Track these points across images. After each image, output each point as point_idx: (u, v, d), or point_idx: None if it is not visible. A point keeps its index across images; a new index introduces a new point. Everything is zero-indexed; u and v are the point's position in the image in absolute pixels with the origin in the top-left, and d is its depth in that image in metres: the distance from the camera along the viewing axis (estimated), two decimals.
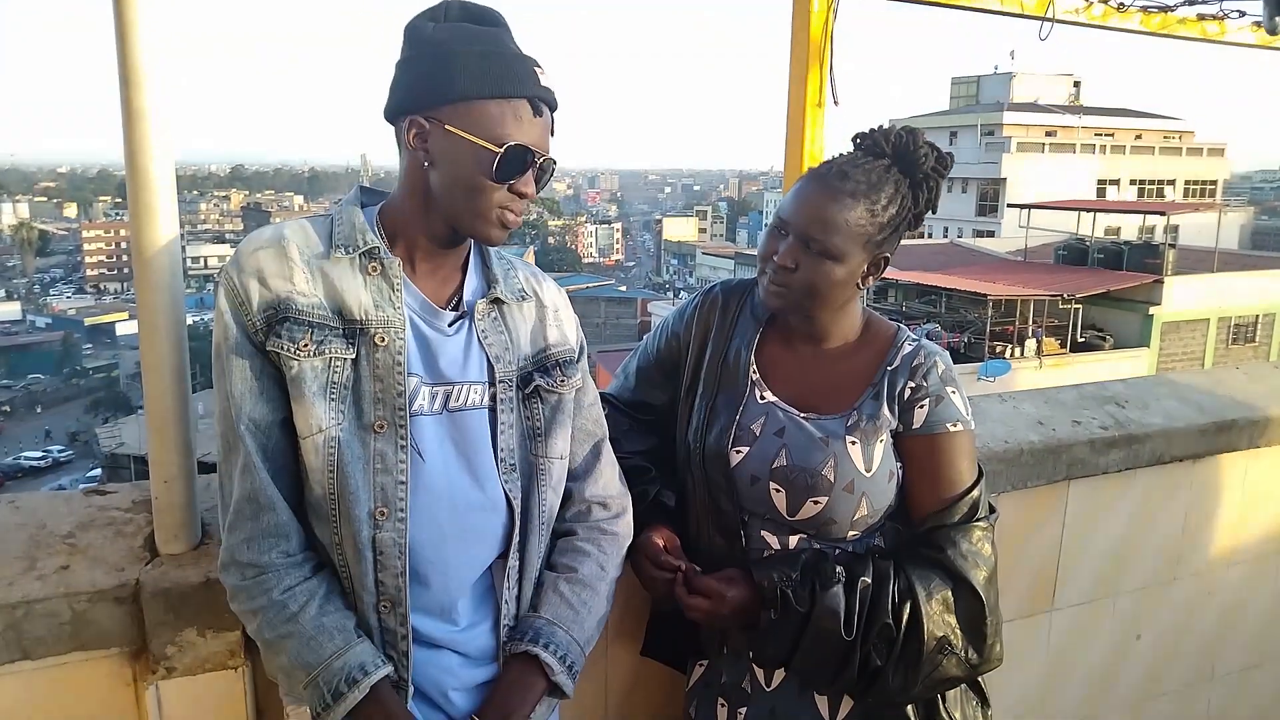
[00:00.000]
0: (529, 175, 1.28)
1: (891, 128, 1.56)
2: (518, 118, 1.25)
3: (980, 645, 1.51)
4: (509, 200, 1.28)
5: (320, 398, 1.25)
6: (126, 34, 1.37)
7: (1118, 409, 2.53)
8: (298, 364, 1.24)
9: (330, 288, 1.28)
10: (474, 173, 1.25)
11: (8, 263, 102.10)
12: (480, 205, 1.27)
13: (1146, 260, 24.25)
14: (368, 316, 1.28)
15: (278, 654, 1.26)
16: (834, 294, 1.53)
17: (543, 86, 1.28)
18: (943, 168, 1.55)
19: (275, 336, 1.24)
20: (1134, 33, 2.80)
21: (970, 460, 1.55)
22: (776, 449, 1.54)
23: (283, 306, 1.25)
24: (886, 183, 1.51)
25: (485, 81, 1.24)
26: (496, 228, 1.30)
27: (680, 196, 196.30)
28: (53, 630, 1.44)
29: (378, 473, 1.27)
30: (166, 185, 1.45)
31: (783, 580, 1.48)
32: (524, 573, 1.42)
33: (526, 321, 1.44)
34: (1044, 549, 2.41)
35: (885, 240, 1.53)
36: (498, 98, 1.24)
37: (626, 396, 1.78)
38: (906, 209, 1.54)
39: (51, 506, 1.66)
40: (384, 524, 1.27)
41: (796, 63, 2.38)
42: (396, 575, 1.28)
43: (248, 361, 1.26)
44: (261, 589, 1.25)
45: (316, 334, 1.25)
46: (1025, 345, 21.93)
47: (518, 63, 1.26)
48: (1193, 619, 2.73)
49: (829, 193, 1.49)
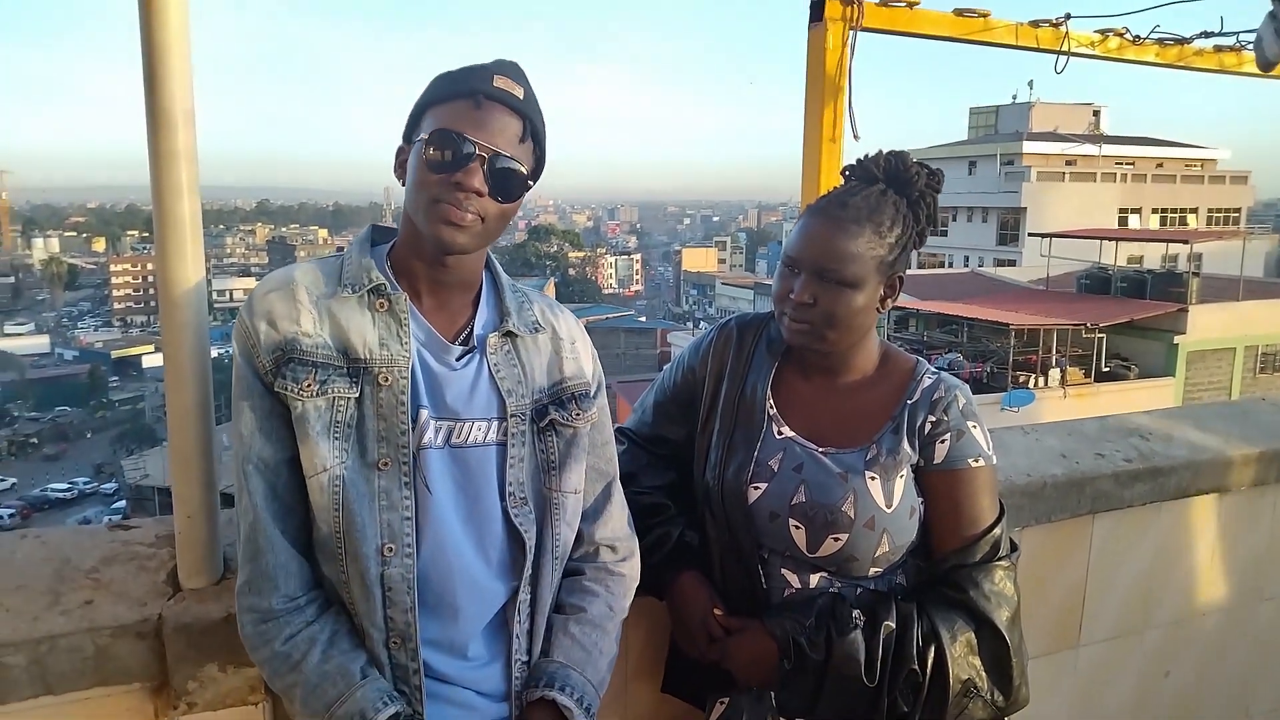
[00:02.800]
0: (471, 168, 1.26)
1: (879, 153, 1.58)
2: (457, 113, 1.28)
3: (1006, 687, 1.49)
4: (447, 191, 1.26)
5: (324, 437, 1.26)
6: (157, 79, 1.40)
7: (1142, 441, 2.50)
8: (302, 404, 1.26)
9: (337, 327, 1.30)
10: (417, 169, 1.29)
11: (38, 296, 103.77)
12: (422, 200, 1.28)
13: (1170, 289, 24.03)
14: (372, 355, 1.29)
15: (290, 703, 1.27)
16: (856, 322, 1.54)
17: (493, 86, 1.28)
18: (935, 184, 1.57)
19: (281, 377, 1.27)
20: (1150, 65, 2.81)
21: (992, 497, 1.54)
22: (795, 485, 1.54)
23: (289, 347, 1.27)
24: (885, 205, 1.53)
25: (433, 92, 1.31)
26: (441, 223, 1.27)
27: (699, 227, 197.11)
28: (76, 665, 1.45)
29: (383, 509, 1.28)
30: (193, 225, 1.47)
31: (795, 629, 1.48)
32: (536, 606, 1.41)
33: (542, 354, 1.44)
34: (1069, 584, 2.38)
35: (896, 260, 1.54)
36: (440, 103, 1.29)
37: (645, 431, 1.79)
38: (909, 227, 1.55)
39: (76, 541, 1.68)
40: (391, 560, 1.27)
41: (812, 98, 2.40)
42: (406, 610, 1.28)
43: (256, 402, 1.28)
44: (264, 639, 1.26)
45: (320, 373, 1.27)
46: (1049, 375, 21.73)
47: (468, 72, 1.30)
48: (1224, 656, 2.68)
49: (833, 224, 1.50)
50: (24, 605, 1.48)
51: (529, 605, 1.40)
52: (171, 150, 1.43)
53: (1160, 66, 2.85)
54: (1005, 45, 2.62)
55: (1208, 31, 2.90)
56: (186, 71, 1.43)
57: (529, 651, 1.41)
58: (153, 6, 1.38)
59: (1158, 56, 2.83)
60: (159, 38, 1.39)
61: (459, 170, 1.26)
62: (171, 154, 1.43)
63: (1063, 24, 2.66)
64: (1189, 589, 2.57)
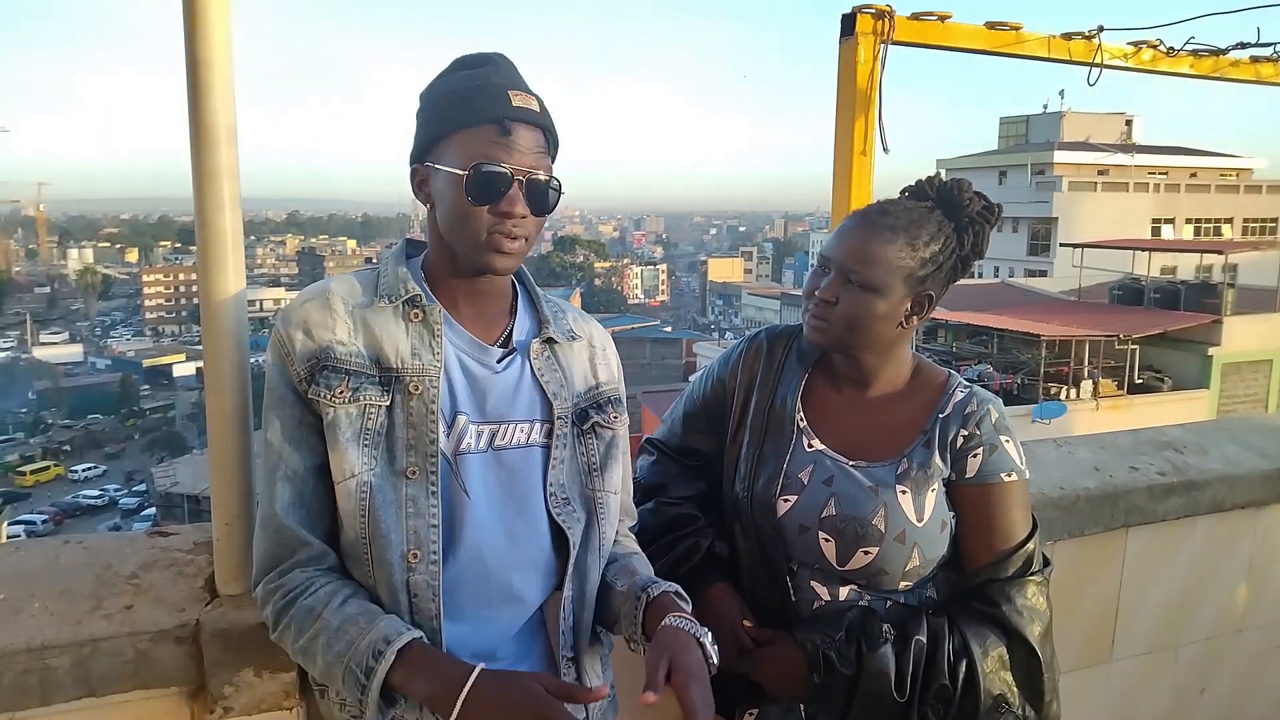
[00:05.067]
0: (512, 194, 1.29)
1: (939, 175, 1.58)
2: (486, 140, 1.28)
3: (1037, 703, 1.48)
4: (495, 223, 1.29)
5: (354, 443, 1.28)
6: (200, 96, 1.44)
7: (1176, 455, 2.48)
8: (333, 410, 1.28)
9: (370, 336, 1.32)
10: (456, 201, 1.29)
11: (72, 306, 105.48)
12: (469, 233, 1.30)
13: (1205, 300, 23.68)
14: (404, 364, 1.31)
15: (316, 659, 1.26)
16: (875, 329, 1.53)
17: (515, 107, 1.30)
18: (989, 214, 1.55)
19: (315, 384, 1.29)
20: (1185, 76, 2.79)
21: (1025, 511, 1.54)
22: (825, 498, 1.54)
23: (323, 355, 1.29)
24: (928, 221, 1.52)
25: (454, 114, 1.30)
26: (492, 252, 1.31)
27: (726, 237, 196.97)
28: (116, 668, 1.48)
29: (409, 516, 1.29)
30: (234, 239, 1.51)
31: (825, 643, 1.48)
32: (580, 602, 1.42)
33: (579, 360, 1.47)
34: (1102, 598, 2.36)
35: (928, 278, 1.53)
36: (466, 127, 1.29)
37: (674, 442, 1.79)
38: (951, 249, 1.54)
39: (117, 547, 1.72)
40: (416, 567, 1.29)
41: (843, 111, 2.40)
42: (431, 618, 1.29)
43: (288, 411, 1.31)
44: (289, 602, 1.28)
45: (353, 381, 1.29)
46: (1081, 387, 21.47)
47: (488, 90, 1.30)
48: (1261, 673, 2.64)
49: (870, 228, 1.51)
50: (67, 609, 1.52)
51: (573, 602, 1.41)
52: (214, 166, 1.47)
53: (1194, 78, 2.83)
54: (1038, 58, 2.62)
55: (1244, 43, 2.87)
56: (229, 90, 1.46)
57: (575, 648, 1.43)
58: (197, 24, 1.42)
59: (1192, 68, 2.80)
60: (203, 56, 1.43)
61: (501, 200, 1.29)
62: (214, 170, 1.47)
63: (1095, 36, 2.65)
64: (1225, 605, 2.53)
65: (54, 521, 42.24)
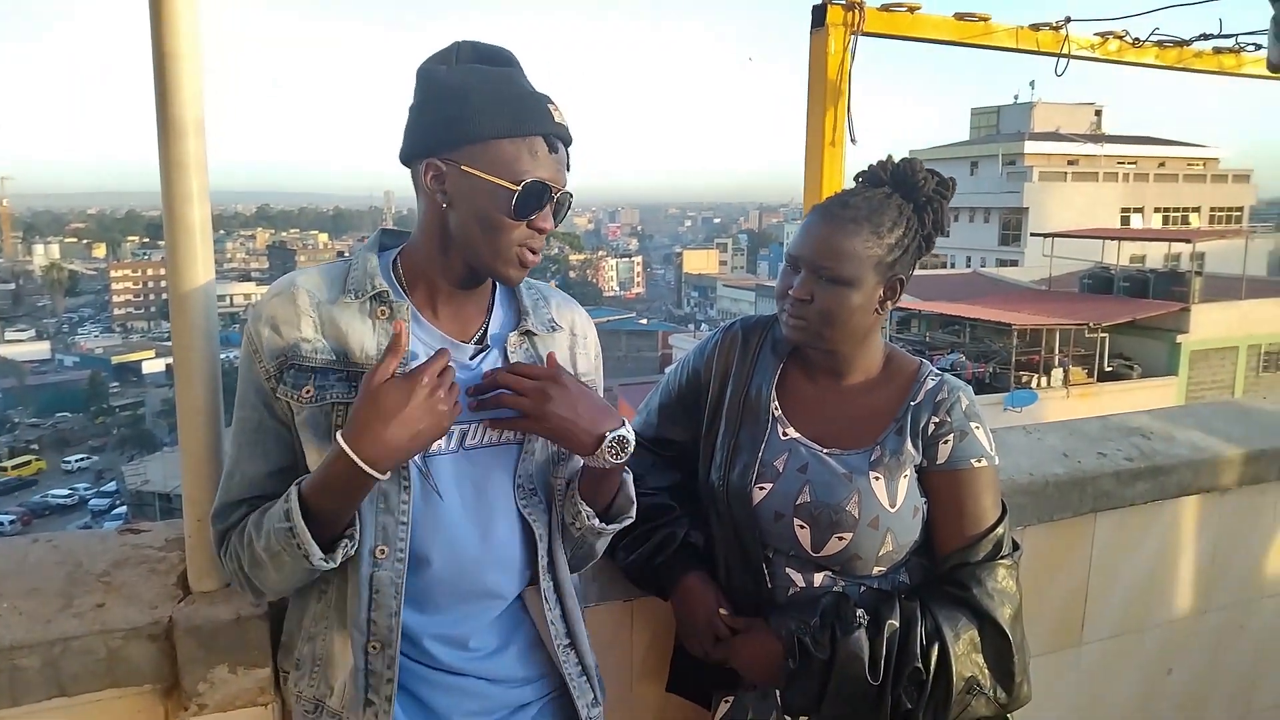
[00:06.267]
0: (548, 210, 1.29)
1: (889, 159, 1.59)
2: (534, 154, 1.26)
3: (1009, 684, 1.50)
4: (528, 237, 1.29)
5: (325, 441, 1.27)
6: (168, 89, 1.42)
7: (1143, 440, 2.52)
8: (303, 410, 1.28)
9: (337, 333, 1.30)
10: (492, 211, 1.25)
11: (38, 303, 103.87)
12: (500, 244, 1.28)
13: (1173, 288, 24.01)
14: (369, 361, 1.29)
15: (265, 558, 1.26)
16: (852, 321, 1.55)
17: (557, 124, 1.29)
18: (944, 190, 1.57)
19: (282, 384, 1.28)
20: (1150, 67, 2.82)
21: (994, 496, 1.56)
22: (800, 485, 1.55)
23: (290, 353, 1.28)
24: (888, 206, 1.54)
25: (500, 121, 1.24)
26: (515, 266, 1.30)
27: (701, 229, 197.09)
28: (88, 667, 1.47)
29: (380, 512, 1.29)
30: (203, 232, 1.49)
31: (800, 628, 1.49)
32: (561, 589, 1.43)
33: (560, 351, 1.44)
34: (1071, 582, 2.39)
35: (896, 262, 1.55)
36: (513, 136, 1.25)
37: (649, 433, 1.80)
38: (913, 231, 1.56)
39: (87, 545, 1.70)
40: (383, 563, 1.28)
41: (814, 102, 2.41)
42: (390, 615, 1.29)
43: (249, 414, 1.32)
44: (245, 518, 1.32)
45: (319, 379, 1.28)
46: (1051, 375, 21.71)
47: (531, 100, 1.27)
48: (1225, 653, 2.69)
49: (833, 222, 1.52)
50: (37, 608, 1.50)
51: (553, 590, 1.42)
52: (182, 158, 1.45)
53: (1160, 68, 2.87)
54: (1006, 49, 2.64)
55: (1207, 34, 2.91)
56: (198, 82, 1.44)
57: (569, 635, 1.43)
58: (164, 16, 1.40)
59: (1157, 58, 2.84)
60: (170, 48, 1.41)
61: (538, 214, 1.29)
62: (182, 162, 1.45)
63: (1063, 27, 2.68)
64: (1191, 587, 2.58)
65: (22, 522, 41.64)
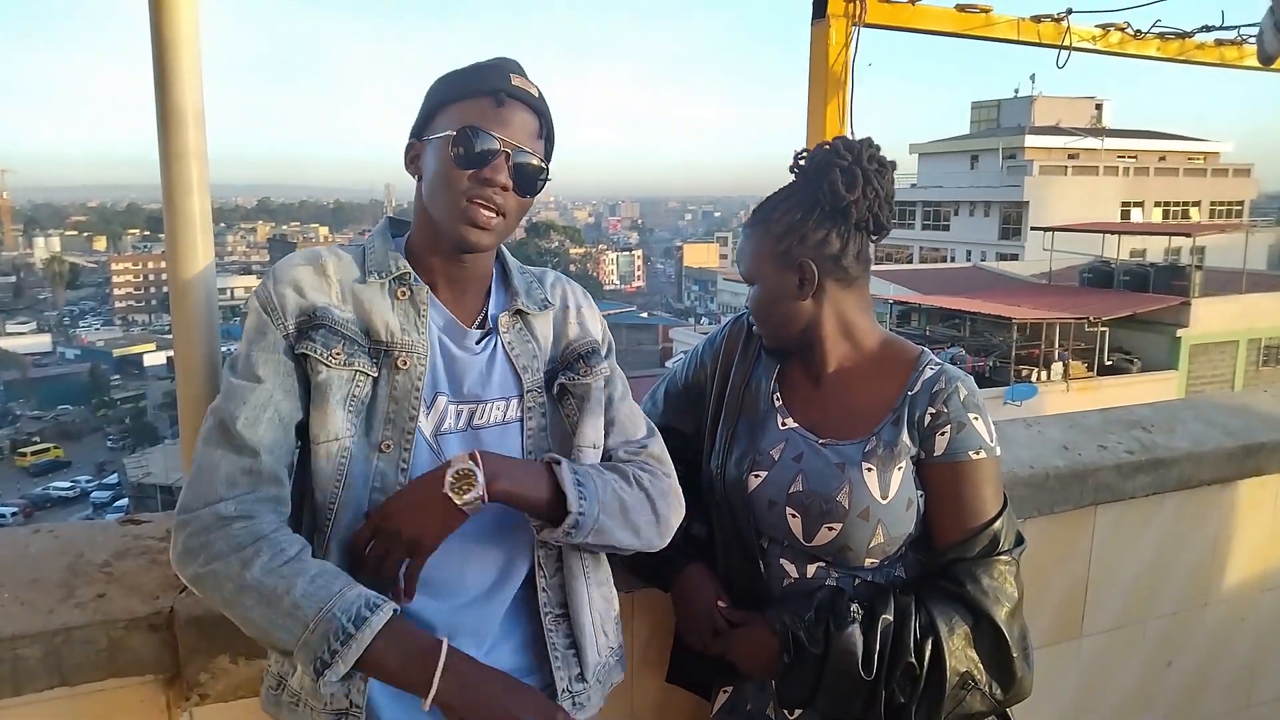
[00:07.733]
0: (498, 164, 1.29)
1: (803, 151, 1.60)
2: (480, 110, 1.29)
3: (1005, 679, 1.49)
4: (475, 189, 1.28)
5: (341, 407, 1.28)
6: (167, 78, 1.42)
7: (1144, 433, 2.52)
8: (326, 370, 1.27)
9: (361, 309, 1.32)
10: (441, 166, 1.30)
11: (39, 295, 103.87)
12: (448, 197, 1.29)
13: (1173, 282, 24.02)
14: (394, 339, 1.31)
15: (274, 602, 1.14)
16: (775, 312, 1.60)
17: (512, 85, 1.32)
18: (835, 155, 1.53)
19: (309, 340, 1.27)
20: (1152, 59, 2.81)
21: (994, 489, 1.53)
22: (793, 474, 1.56)
23: (319, 315, 1.28)
24: (776, 199, 1.59)
25: (450, 91, 1.33)
26: (467, 223, 1.29)
27: (701, 222, 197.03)
28: (90, 657, 1.47)
29: (374, 491, 1.29)
30: (203, 222, 1.50)
31: (794, 623, 1.50)
32: (562, 559, 1.43)
33: (551, 325, 1.46)
34: (1071, 575, 2.40)
35: (789, 249, 1.55)
36: (463, 99, 1.31)
37: (655, 422, 1.80)
38: (807, 209, 1.54)
39: (89, 535, 1.70)
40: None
41: (815, 94, 2.40)
42: None
43: (281, 359, 1.27)
44: (252, 533, 1.17)
45: (348, 346, 1.29)
46: (1051, 369, 21.71)
47: (482, 70, 1.33)
48: (1226, 646, 2.70)
49: (745, 233, 1.64)
50: (39, 598, 1.50)
51: (554, 560, 1.42)
52: (182, 148, 1.45)
53: (1161, 60, 2.86)
54: (1007, 40, 2.63)
55: (1209, 25, 2.91)
56: (197, 70, 1.44)
57: (563, 605, 1.43)
58: (163, 6, 1.40)
59: (1159, 51, 2.83)
60: (169, 36, 1.41)
61: (485, 166, 1.29)
62: (182, 152, 1.45)
63: (1064, 19, 2.67)
64: (1191, 580, 2.58)
65: (24, 514, 41.70)
